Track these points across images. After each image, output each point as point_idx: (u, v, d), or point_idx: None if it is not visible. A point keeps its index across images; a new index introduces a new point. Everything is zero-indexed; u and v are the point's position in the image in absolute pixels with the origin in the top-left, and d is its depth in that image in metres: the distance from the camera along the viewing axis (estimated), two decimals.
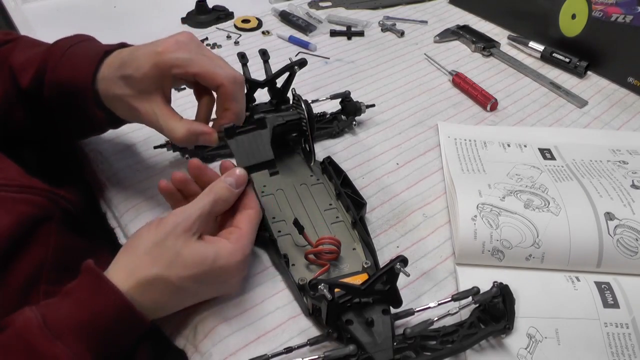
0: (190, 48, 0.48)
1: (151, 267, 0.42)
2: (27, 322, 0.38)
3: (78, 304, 0.40)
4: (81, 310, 0.40)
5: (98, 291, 0.40)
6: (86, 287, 0.41)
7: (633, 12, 0.75)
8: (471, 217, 0.52)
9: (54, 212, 0.50)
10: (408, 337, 0.43)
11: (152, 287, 0.42)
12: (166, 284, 0.42)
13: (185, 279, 0.42)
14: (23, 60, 0.54)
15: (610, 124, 0.73)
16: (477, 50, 0.88)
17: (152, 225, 0.44)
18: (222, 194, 0.46)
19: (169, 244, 0.42)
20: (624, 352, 0.45)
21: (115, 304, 0.40)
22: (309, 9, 0.98)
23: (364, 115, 0.71)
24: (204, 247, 0.44)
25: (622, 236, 0.50)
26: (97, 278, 0.41)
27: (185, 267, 0.42)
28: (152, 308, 0.42)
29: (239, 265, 0.45)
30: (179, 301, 0.45)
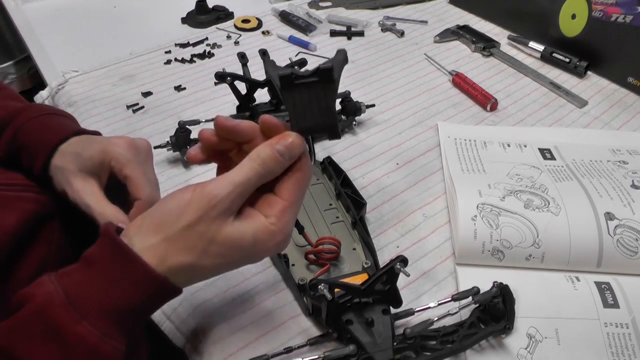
0: (138, 154, 0.48)
1: (184, 254, 0.37)
2: (49, 298, 0.35)
3: (105, 279, 0.36)
4: (109, 287, 0.36)
5: (126, 270, 0.36)
6: (110, 260, 0.37)
7: (633, 12, 0.75)
8: (471, 217, 0.52)
9: (57, 210, 0.50)
10: (408, 337, 0.43)
11: (184, 272, 0.38)
12: (201, 269, 0.38)
13: (220, 265, 0.38)
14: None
15: (610, 124, 0.73)
16: (477, 50, 0.88)
17: (187, 193, 0.37)
18: (270, 165, 0.38)
19: (202, 229, 0.37)
20: (624, 352, 0.45)
21: (149, 284, 0.36)
22: (309, 9, 0.98)
23: (364, 115, 0.71)
24: (241, 230, 0.38)
25: (622, 236, 0.50)
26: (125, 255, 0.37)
27: (220, 255, 0.38)
28: (183, 282, 0.38)
29: (279, 246, 0.39)
30: (213, 275, 0.40)
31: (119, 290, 0.36)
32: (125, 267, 0.36)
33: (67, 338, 0.34)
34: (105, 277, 0.36)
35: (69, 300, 0.35)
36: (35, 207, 0.48)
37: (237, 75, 0.62)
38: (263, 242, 0.38)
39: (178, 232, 0.37)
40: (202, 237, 0.37)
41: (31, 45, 0.89)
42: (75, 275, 0.37)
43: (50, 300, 0.35)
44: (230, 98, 0.65)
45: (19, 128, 0.51)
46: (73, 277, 0.36)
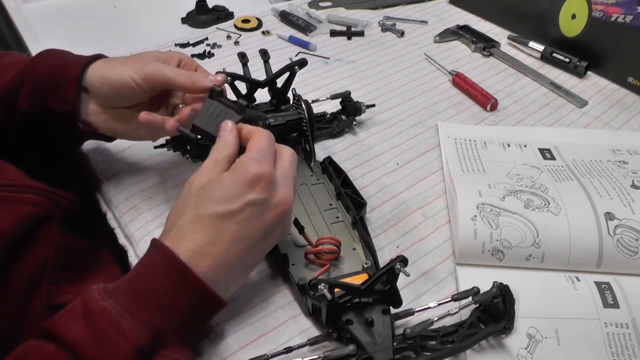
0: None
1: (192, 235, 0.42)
2: (90, 290, 0.39)
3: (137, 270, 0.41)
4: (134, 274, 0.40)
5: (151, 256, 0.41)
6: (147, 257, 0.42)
7: (633, 12, 0.75)
8: (471, 217, 0.52)
9: (55, 211, 0.50)
10: (408, 337, 0.43)
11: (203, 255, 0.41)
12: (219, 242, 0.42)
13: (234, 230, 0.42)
14: (8, 62, 0.55)
15: (610, 124, 0.73)
16: (477, 50, 0.88)
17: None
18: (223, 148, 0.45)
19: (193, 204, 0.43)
20: (624, 352, 0.45)
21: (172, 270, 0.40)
22: (309, 9, 0.98)
23: (364, 115, 0.71)
24: (222, 175, 0.43)
25: (622, 236, 0.50)
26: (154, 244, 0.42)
27: (219, 214, 0.41)
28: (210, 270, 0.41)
29: (261, 175, 0.42)
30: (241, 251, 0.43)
31: (145, 275, 0.40)
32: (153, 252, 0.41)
33: (94, 312, 0.38)
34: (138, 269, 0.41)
35: (104, 288, 0.40)
36: (33, 209, 0.48)
37: (237, 75, 0.62)
38: (243, 168, 0.42)
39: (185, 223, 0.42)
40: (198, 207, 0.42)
41: (31, 46, 0.89)
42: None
43: (90, 291, 0.39)
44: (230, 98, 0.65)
45: (38, 76, 0.52)
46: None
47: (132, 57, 0.53)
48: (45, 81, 0.52)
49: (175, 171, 0.62)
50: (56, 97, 0.52)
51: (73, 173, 0.66)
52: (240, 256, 0.42)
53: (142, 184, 0.60)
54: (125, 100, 0.52)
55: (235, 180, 0.42)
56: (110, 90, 0.51)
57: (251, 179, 0.41)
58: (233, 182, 0.42)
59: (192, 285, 0.40)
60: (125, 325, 0.37)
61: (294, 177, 0.45)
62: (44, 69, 0.53)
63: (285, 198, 0.43)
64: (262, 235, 0.43)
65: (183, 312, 0.40)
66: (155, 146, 0.63)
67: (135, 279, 0.40)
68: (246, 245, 0.42)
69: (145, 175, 0.62)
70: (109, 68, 0.52)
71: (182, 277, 0.40)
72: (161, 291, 0.39)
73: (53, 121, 0.53)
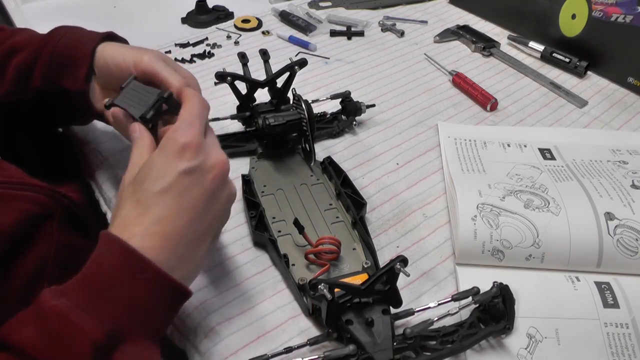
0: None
1: (128, 209, 0.41)
2: (42, 292, 0.37)
3: (88, 266, 0.39)
4: (89, 270, 0.38)
5: (101, 247, 0.39)
6: (97, 251, 0.40)
7: (633, 12, 0.75)
8: (471, 217, 0.52)
9: (56, 210, 0.50)
10: (408, 337, 0.43)
11: (154, 236, 0.39)
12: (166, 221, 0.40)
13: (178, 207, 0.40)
14: (23, 40, 0.56)
15: (610, 124, 0.73)
16: (477, 50, 0.88)
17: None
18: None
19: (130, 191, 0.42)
20: (624, 352, 0.45)
21: (124, 256, 0.38)
22: (309, 9, 0.98)
23: (364, 115, 0.71)
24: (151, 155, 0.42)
25: (622, 236, 0.50)
26: (107, 241, 0.39)
27: (158, 191, 0.40)
28: (160, 251, 0.39)
29: (190, 146, 0.41)
30: (193, 231, 0.41)
31: (96, 269, 0.38)
32: (102, 244, 0.39)
33: (46, 313, 0.35)
34: (86, 263, 0.39)
35: (56, 288, 0.37)
36: (34, 207, 0.48)
37: (237, 75, 0.62)
38: (169, 142, 0.41)
39: (127, 211, 0.40)
40: (136, 193, 0.40)
41: None
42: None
43: (41, 293, 0.37)
44: (231, 98, 0.65)
45: (52, 53, 0.54)
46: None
47: (139, 47, 0.54)
48: (59, 59, 0.54)
49: None
50: (69, 75, 0.53)
51: (73, 172, 0.66)
52: (191, 228, 0.40)
53: None
54: (118, 83, 0.51)
55: (164, 155, 0.41)
56: (106, 71, 0.52)
57: (179, 149, 0.40)
58: (162, 157, 0.41)
59: (145, 271, 0.38)
60: (80, 322, 0.35)
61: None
62: (58, 46, 0.54)
63: (218, 159, 0.42)
64: (206, 201, 0.41)
65: (142, 303, 0.38)
66: None
67: (87, 275, 0.38)
68: (193, 216, 0.40)
69: None
70: (112, 50, 0.53)
71: (133, 264, 0.38)
72: (114, 283, 0.37)
73: (65, 98, 0.54)
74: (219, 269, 0.52)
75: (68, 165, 0.68)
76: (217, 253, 0.53)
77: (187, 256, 0.41)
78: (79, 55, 0.53)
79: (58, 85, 0.54)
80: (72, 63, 0.53)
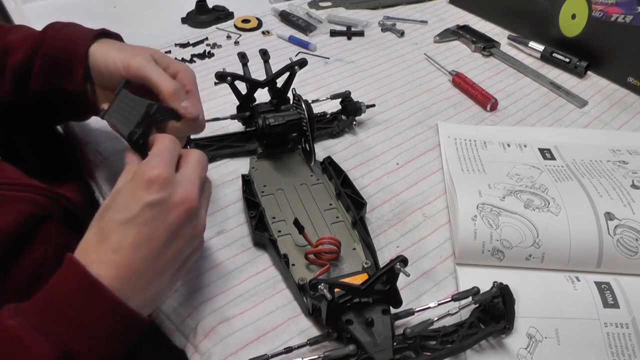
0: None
1: (93, 240, 0.41)
2: (2, 309, 0.38)
3: (47, 286, 0.39)
4: (47, 291, 0.39)
5: (64, 274, 0.39)
6: (58, 273, 0.40)
7: (633, 12, 0.75)
8: (471, 217, 0.52)
9: (55, 211, 0.50)
10: (408, 337, 0.43)
11: (109, 264, 0.39)
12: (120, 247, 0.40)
13: (139, 238, 0.40)
14: (18, 38, 0.56)
15: (610, 124, 0.73)
16: (477, 50, 0.88)
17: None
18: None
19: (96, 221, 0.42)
20: (624, 352, 0.45)
21: (79, 281, 0.38)
22: (309, 9, 0.98)
23: (364, 115, 0.71)
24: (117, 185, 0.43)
25: (622, 236, 0.50)
26: (68, 264, 0.40)
27: (124, 220, 0.40)
28: (118, 279, 0.39)
29: (158, 180, 0.41)
30: (156, 273, 0.41)
31: (53, 290, 0.38)
32: (64, 267, 0.39)
33: (0, 330, 0.36)
34: (50, 280, 0.39)
35: (16, 306, 0.37)
36: (32, 208, 0.48)
37: (237, 75, 0.62)
38: (137, 174, 0.41)
39: (89, 237, 0.41)
40: (99, 221, 0.41)
41: None
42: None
43: (2, 311, 0.37)
44: (231, 98, 0.65)
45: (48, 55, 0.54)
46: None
47: (131, 46, 0.54)
48: (55, 60, 0.53)
49: None
50: (67, 76, 0.53)
51: (73, 173, 0.66)
52: (149, 261, 0.40)
53: None
54: (113, 84, 0.51)
55: (131, 187, 0.41)
56: (99, 74, 0.52)
57: (146, 182, 0.40)
58: (129, 189, 0.41)
59: (100, 297, 0.38)
60: (30, 342, 0.35)
61: (200, 177, 0.44)
62: (53, 45, 0.54)
63: (186, 196, 0.41)
64: (168, 236, 0.41)
65: (95, 328, 0.38)
66: None
67: (45, 296, 0.38)
68: (152, 249, 0.40)
69: None
70: (104, 52, 0.52)
71: (89, 289, 0.38)
72: (69, 306, 0.37)
73: (65, 98, 0.55)
74: (219, 269, 0.52)
75: (68, 165, 0.68)
76: (217, 253, 0.53)
77: (143, 287, 0.40)
78: (74, 56, 0.53)
79: (57, 87, 0.54)
80: (68, 64, 0.53)
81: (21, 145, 0.66)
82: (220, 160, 0.64)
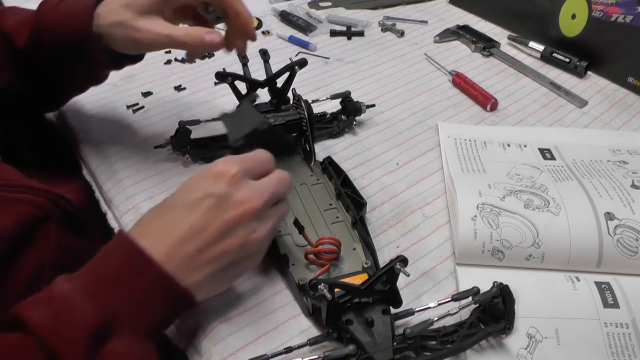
0: None
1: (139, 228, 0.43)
2: (56, 279, 0.39)
3: (96, 256, 0.41)
4: (97, 260, 0.41)
5: (114, 246, 0.41)
6: (108, 245, 0.42)
7: (633, 12, 0.75)
8: (471, 217, 0.52)
9: (54, 212, 0.50)
10: (408, 337, 0.43)
11: (154, 234, 0.42)
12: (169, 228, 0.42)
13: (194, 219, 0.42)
14: (15, 23, 0.56)
15: (610, 124, 0.73)
16: (477, 50, 0.88)
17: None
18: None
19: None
20: (623, 352, 0.45)
21: (124, 249, 0.40)
22: (309, 9, 0.98)
23: (364, 115, 0.71)
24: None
25: (622, 236, 0.50)
26: (119, 237, 0.42)
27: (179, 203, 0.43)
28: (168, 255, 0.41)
29: (223, 168, 0.43)
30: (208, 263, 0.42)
31: (103, 260, 0.40)
32: (114, 239, 0.41)
33: (54, 294, 0.38)
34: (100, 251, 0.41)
35: (69, 275, 0.40)
36: (32, 209, 0.48)
37: (237, 75, 0.62)
38: (211, 165, 0.44)
39: (149, 215, 0.44)
40: (164, 202, 0.44)
41: None
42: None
43: (56, 279, 0.39)
44: (231, 98, 0.65)
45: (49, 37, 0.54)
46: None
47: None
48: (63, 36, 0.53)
49: (175, 171, 0.62)
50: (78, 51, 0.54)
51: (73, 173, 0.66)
52: (197, 249, 0.41)
53: (142, 184, 0.60)
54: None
55: (201, 176, 0.43)
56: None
57: (215, 174, 0.43)
58: (199, 177, 0.43)
59: (146, 267, 0.39)
60: (80, 303, 0.37)
61: (273, 191, 0.45)
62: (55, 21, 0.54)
63: (249, 198, 0.42)
64: (221, 231, 0.41)
65: (140, 298, 0.39)
66: (155, 146, 0.63)
67: (94, 265, 0.40)
68: (203, 238, 0.41)
69: (145, 175, 0.62)
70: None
71: (137, 260, 0.39)
72: (116, 274, 0.39)
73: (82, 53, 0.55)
74: None
75: (68, 165, 0.68)
76: None
77: (184, 272, 0.41)
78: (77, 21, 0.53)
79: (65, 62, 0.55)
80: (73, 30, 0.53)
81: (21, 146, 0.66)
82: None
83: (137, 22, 0.51)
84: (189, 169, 0.63)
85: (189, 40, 0.51)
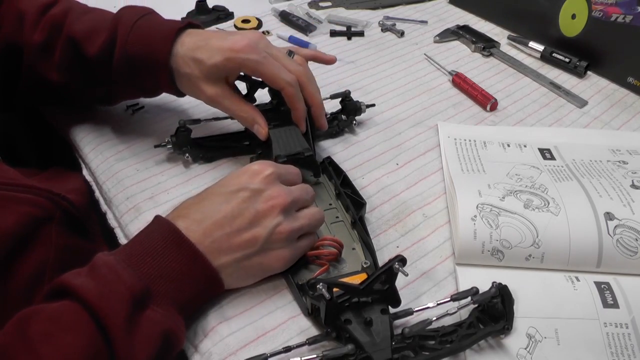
0: (260, 50, 0.55)
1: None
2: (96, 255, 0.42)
3: (136, 236, 0.45)
4: (136, 239, 0.45)
5: (152, 227, 0.46)
6: (147, 227, 0.46)
7: (633, 12, 0.75)
8: (471, 217, 0.52)
9: (55, 212, 0.50)
10: (406, 336, 0.43)
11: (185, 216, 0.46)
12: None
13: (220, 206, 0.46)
14: (85, 30, 0.58)
15: (610, 124, 0.73)
16: (477, 50, 0.88)
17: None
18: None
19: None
20: (623, 352, 0.45)
21: (163, 230, 0.44)
22: (309, 9, 0.98)
23: (364, 115, 0.71)
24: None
25: (621, 236, 0.50)
26: (157, 219, 0.46)
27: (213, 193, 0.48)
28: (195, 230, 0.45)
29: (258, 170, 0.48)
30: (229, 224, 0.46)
31: (142, 239, 0.44)
32: (151, 222, 0.46)
33: (98, 265, 0.41)
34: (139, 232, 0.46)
35: (108, 251, 0.44)
36: (33, 209, 0.48)
37: None
38: (249, 165, 0.49)
39: (187, 203, 0.48)
40: (201, 193, 0.49)
41: None
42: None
43: (96, 255, 0.42)
44: None
45: (128, 54, 0.56)
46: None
47: (225, 41, 0.55)
48: (136, 61, 0.56)
49: (175, 171, 0.63)
50: (148, 79, 0.58)
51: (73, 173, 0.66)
52: (228, 234, 0.45)
53: (142, 184, 0.60)
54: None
55: (239, 172, 0.48)
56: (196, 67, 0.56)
57: (252, 172, 0.47)
58: (237, 173, 0.48)
59: (183, 245, 0.43)
60: (123, 272, 0.40)
61: (299, 195, 0.49)
62: (132, 42, 0.56)
63: (278, 195, 0.47)
64: (250, 220, 0.46)
65: (175, 273, 0.43)
66: (155, 145, 0.63)
67: (134, 241, 0.44)
68: (234, 226, 0.45)
69: (145, 175, 0.62)
70: (198, 47, 0.56)
71: (174, 239, 0.43)
72: (155, 250, 0.43)
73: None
74: None
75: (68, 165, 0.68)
76: None
77: (212, 255, 0.45)
78: (156, 59, 0.56)
79: (139, 86, 0.61)
80: (150, 67, 0.56)
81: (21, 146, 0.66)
82: (220, 160, 0.64)
83: (203, 85, 0.56)
84: (190, 169, 0.63)
85: (242, 119, 0.58)
